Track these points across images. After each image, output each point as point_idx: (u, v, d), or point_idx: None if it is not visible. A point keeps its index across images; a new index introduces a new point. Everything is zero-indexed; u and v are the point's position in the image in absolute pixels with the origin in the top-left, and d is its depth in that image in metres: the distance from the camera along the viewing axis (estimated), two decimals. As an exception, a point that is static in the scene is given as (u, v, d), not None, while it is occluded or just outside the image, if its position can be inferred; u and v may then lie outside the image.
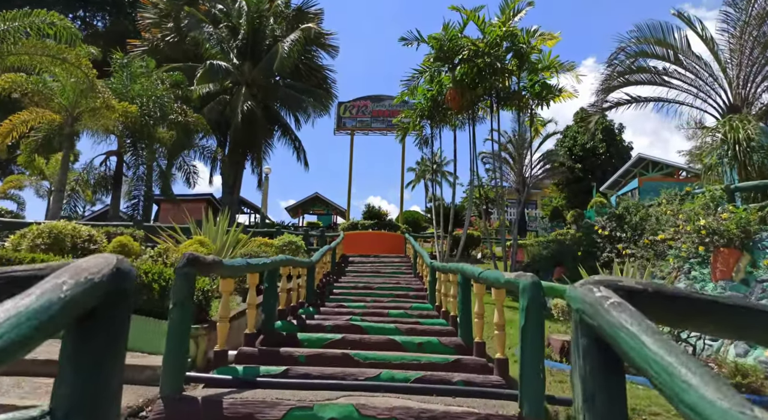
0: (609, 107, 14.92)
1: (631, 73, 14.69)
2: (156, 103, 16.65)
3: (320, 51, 31.46)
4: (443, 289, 7.74)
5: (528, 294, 3.27)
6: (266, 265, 5.09)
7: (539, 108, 14.64)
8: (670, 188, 14.90)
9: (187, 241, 7.50)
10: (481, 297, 4.96)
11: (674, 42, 14.03)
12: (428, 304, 9.26)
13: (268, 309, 5.66)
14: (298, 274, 8.70)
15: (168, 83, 19.90)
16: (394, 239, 19.75)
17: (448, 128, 15.90)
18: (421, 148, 15.84)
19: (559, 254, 11.80)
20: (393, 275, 13.27)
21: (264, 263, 4.97)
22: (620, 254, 9.68)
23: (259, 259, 4.97)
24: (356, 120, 23.11)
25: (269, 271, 5.67)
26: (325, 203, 39.46)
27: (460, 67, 13.32)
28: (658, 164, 26.16)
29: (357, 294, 10.53)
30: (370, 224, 19.21)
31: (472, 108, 14.02)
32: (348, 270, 14.12)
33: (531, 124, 14.62)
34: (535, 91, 14.09)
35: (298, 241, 12.06)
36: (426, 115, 14.35)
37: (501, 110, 14.36)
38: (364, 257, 17.23)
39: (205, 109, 25.17)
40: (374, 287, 11.09)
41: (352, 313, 8.22)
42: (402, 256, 17.61)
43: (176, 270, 3.15)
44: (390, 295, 10.41)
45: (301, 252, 12.48)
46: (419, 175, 69.21)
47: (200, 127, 22.04)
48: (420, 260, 12.24)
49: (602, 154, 35.78)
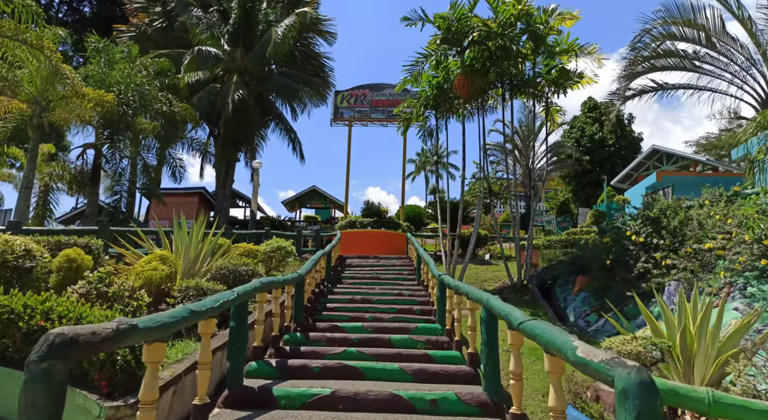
0: (632, 95, 13.54)
1: (656, 57, 13.29)
2: (135, 90, 15.22)
3: (317, 38, 29.93)
4: (457, 313, 6.43)
5: (634, 402, 1.88)
6: (225, 303, 3.76)
7: (555, 96, 13.26)
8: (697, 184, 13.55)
9: (145, 258, 6.17)
10: (518, 349, 3.64)
11: (706, 22, 12.63)
12: (436, 325, 7.96)
13: (234, 355, 4.35)
14: (282, 292, 7.40)
15: (152, 70, 18.43)
16: (394, 239, 18.44)
17: (454, 119, 14.52)
18: (424, 140, 14.49)
19: (581, 260, 10.47)
20: (394, 282, 11.96)
21: (221, 303, 3.64)
22: (658, 264, 8.36)
23: (216, 298, 3.63)
24: (354, 110, 21.63)
25: (236, 306, 4.35)
26: (323, 197, 38.10)
27: (469, 50, 11.92)
28: (673, 156, 24.78)
29: (354, 308, 9.24)
30: (369, 222, 17.91)
31: (483, 96, 12.62)
32: (345, 276, 12.81)
33: (547, 114, 13.23)
34: (552, 78, 12.69)
35: (287, 246, 10.74)
36: (431, 105, 12.95)
37: (514, 99, 12.96)
38: (363, 259, 15.94)
39: (194, 99, 23.71)
40: (374, 300, 9.78)
41: (348, 341, 6.92)
42: (404, 258, 16.30)
43: (28, 366, 1.82)
44: (392, 310, 9.12)
45: (292, 257, 11.17)
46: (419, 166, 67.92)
47: (188, 117, 20.60)
48: (425, 267, 10.92)
49: (611, 145, 34.39)
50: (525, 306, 10.41)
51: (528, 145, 31.11)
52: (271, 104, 27.07)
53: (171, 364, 3.98)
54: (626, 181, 27.48)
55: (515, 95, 12.86)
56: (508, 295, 11.42)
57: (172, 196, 31.42)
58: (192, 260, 7.92)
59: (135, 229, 8.81)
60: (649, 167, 25.98)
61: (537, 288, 11.19)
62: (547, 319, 9.50)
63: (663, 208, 9.19)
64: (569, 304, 10.26)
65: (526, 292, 11.31)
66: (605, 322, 8.86)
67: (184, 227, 8.18)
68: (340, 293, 10.45)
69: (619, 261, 9.00)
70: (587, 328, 9.07)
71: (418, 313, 9.16)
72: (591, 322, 9.19)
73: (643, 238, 8.64)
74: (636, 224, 8.96)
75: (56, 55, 11.42)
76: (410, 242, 15.42)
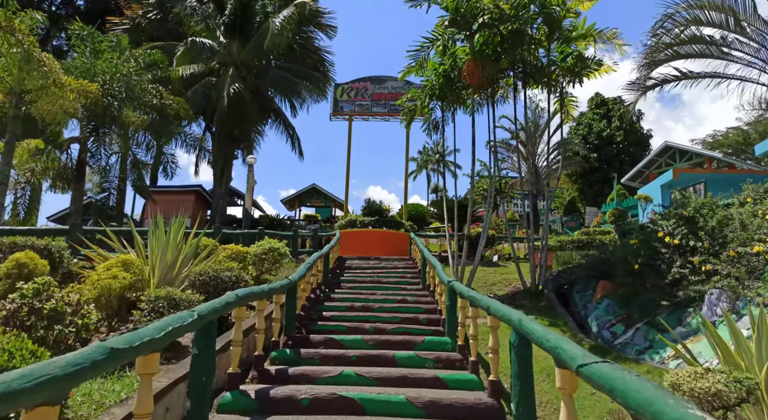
0: (653, 85, 12.56)
1: (680, 44, 12.29)
2: (122, 81, 14.28)
3: (317, 32, 28.95)
4: (472, 328, 5.50)
5: None
6: (176, 331, 2.80)
7: (570, 86, 12.30)
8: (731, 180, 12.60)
9: (103, 265, 5.24)
10: (572, 395, 2.68)
11: (735, 5, 11.63)
12: (446, 338, 7.02)
13: (196, 392, 3.40)
14: (270, 302, 6.49)
15: (142, 61, 17.49)
16: (397, 239, 17.49)
17: (460, 112, 13.57)
18: (429, 133, 13.48)
19: (603, 264, 9.52)
20: (397, 287, 11.02)
21: (169, 331, 2.68)
22: (696, 270, 7.41)
23: (161, 326, 2.67)
24: (355, 104, 20.60)
25: (201, 328, 3.41)
26: (323, 195, 37.16)
27: (479, 34, 10.95)
28: (687, 153, 23.79)
29: (353, 317, 8.30)
30: (370, 221, 16.96)
31: (493, 85, 11.67)
32: (344, 279, 11.87)
33: (561, 106, 12.27)
34: (567, 65, 11.73)
35: (281, 248, 9.80)
36: (437, 95, 11.97)
37: (527, 88, 11.99)
38: (363, 260, 14.99)
39: (188, 93, 22.77)
40: (375, 308, 8.85)
41: (345, 359, 5.99)
42: (406, 260, 15.35)
43: None
44: (395, 320, 8.18)
45: (287, 259, 10.24)
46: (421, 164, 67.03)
47: (182, 111, 19.65)
48: (431, 271, 9.98)
49: (619, 142, 33.38)
50: (541, 314, 9.47)
51: (534, 141, 30.18)
52: (269, 99, 26.12)
53: (110, 409, 3.04)
54: (637, 178, 26.50)
55: (528, 85, 11.90)
56: (522, 301, 10.48)
57: (168, 194, 30.52)
58: (170, 264, 6.99)
59: (104, 229, 7.87)
60: (661, 164, 25.01)
61: (553, 293, 10.24)
62: (567, 330, 8.55)
63: (697, 206, 8.23)
64: (590, 312, 9.31)
65: (542, 298, 10.36)
66: (634, 334, 7.92)
67: (161, 227, 7.25)
68: (338, 299, 9.51)
69: (649, 265, 8.05)
70: (613, 341, 8.12)
71: (424, 322, 8.22)
72: (617, 334, 8.23)
73: (678, 240, 7.68)
74: (669, 224, 8.00)
75: (29, 39, 10.49)
76: (414, 243, 14.48)
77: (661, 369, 6.49)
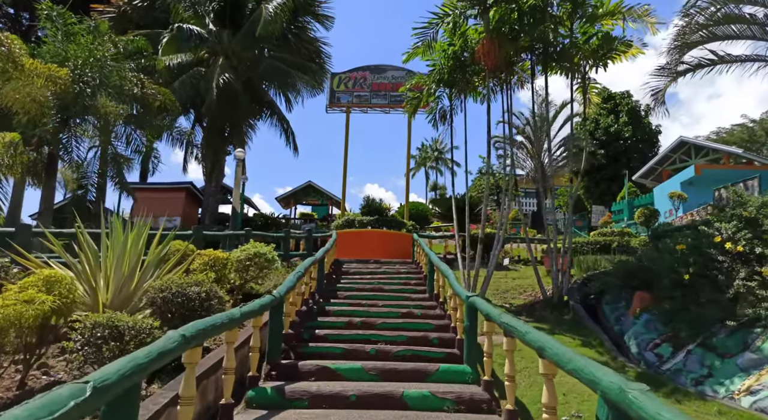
0: (685, 70, 11.28)
1: (716, 24, 11.02)
2: (96, 66, 12.92)
3: (313, 23, 27.53)
4: (508, 366, 4.21)
5: None
6: None
7: (593, 71, 11.04)
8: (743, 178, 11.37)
9: (22, 282, 3.93)
10: None
11: (780, -20, 10.38)
12: (464, 367, 5.75)
13: None
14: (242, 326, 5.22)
15: (123, 48, 16.11)
16: (398, 240, 16.19)
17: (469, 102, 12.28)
18: (435, 125, 12.15)
19: (641, 271, 8.24)
20: (401, 296, 9.72)
21: None
22: (765, 283, 6.14)
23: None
24: (353, 94, 19.21)
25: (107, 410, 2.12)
26: (319, 192, 35.85)
27: (494, 9, 9.65)
28: (703, 149, 22.56)
29: (351, 337, 7.01)
30: (369, 221, 15.68)
31: (509, 67, 10.38)
32: (341, 286, 10.57)
33: (584, 93, 11.00)
34: (591, 47, 10.46)
35: (268, 253, 8.50)
36: (445, 80, 10.66)
37: (548, 73, 10.70)
38: (362, 264, 13.69)
39: (175, 84, 21.37)
40: (377, 324, 7.57)
41: (341, 400, 4.73)
42: (409, 263, 14.05)
43: None
44: (401, 339, 6.92)
45: (277, 265, 8.93)
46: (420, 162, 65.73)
47: (168, 103, 18.27)
48: (440, 280, 8.69)
49: (628, 138, 32.08)
50: (569, 330, 8.19)
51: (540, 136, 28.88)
52: (263, 92, 24.73)
53: None
54: (649, 176, 25.30)
55: (549, 69, 10.61)
56: (543, 313, 9.21)
57: (157, 192, 29.13)
58: (126, 276, 5.68)
59: (43, 231, 6.54)
60: (675, 161, 23.80)
61: (581, 305, 8.96)
62: (604, 352, 7.26)
63: (758, 205, 6.96)
64: (626, 328, 8.04)
65: (566, 310, 9.09)
66: (686, 358, 6.64)
67: (118, 229, 5.93)
68: (334, 313, 8.22)
69: (703, 276, 6.78)
70: (660, 365, 6.85)
71: (435, 343, 6.95)
72: (664, 356, 6.96)
73: (742, 247, 6.41)
74: (729, 227, 6.72)
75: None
76: (417, 244, 13.20)
77: (738, 410, 5.22)
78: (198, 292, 5.35)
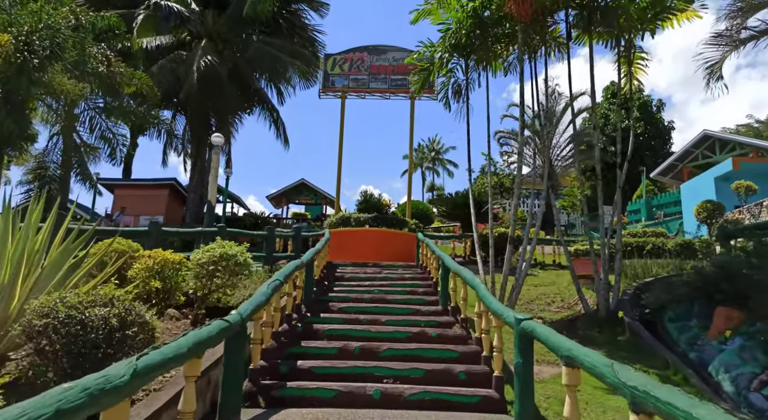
0: (750, 38, 9.41)
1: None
2: (46, 35, 10.93)
3: (307, 11, 25.58)
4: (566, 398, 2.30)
5: None
6: None
7: (639, 37, 9.18)
8: None
9: None
10: None
11: None
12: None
13: None
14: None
15: (87, 22, 14.06)
16: (400, 240, 14.24)
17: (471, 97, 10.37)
18: (447, 104, 10.17)
19: (720, 281, 6.34)
20: (408, 308, 7.75)
21: None
22: None
23: None
24: (349, 78, 17.19)
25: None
26: (313, 191, 33.87)
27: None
28: (729, 143, 20.75)
29: (347, 372, 5.09)
30: (366, 219, 13.75)
31: (543, 26, 8.48)
32: (333, 296, 8.59)
33: (629, 64, 9.12)
34: (640, 5, 8.59)
35: (239, 254, 6.54)
36: (462, 44, 8.72)
37: (591, 35, 8.81)
38: (359, 268, 11.73)
39: (154, 68, 19.37)
40: (381, 351, 5.64)
41: None
42: (414, 267, 12.10)
43: None
44: (416, 374, 5.04)
45: (253, 269, 6.94)
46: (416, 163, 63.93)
47: (145, 88, 16.23)
48: (462, 291, 6.73)
49: (639, 134, 30.34)
50: (629, 355, 6.25)
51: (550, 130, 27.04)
52: (251, 79, 22.72)
53: None
54: (668, 173, 23.50)
55: (593, 36, 8.73)
56: (588, 332, 7.29)
57: (138, 189, 27.13)
58: (5, 285, 3.72)
59: None
60: (697, 157, 22.02)
61: (639, 322, 7.03)
62: (691, 391, 5.32)
63: None
64: (707, 355, 6.11)
65: (619, 329, 7.16)
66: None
67: (7, 221, 3.98)
68: (323, 333, 6.26)
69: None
70: (775, 412, 4.92)
71: (462, 378, 5.06)
72: (780, 401, 5.03)
73: None
74: None
75: None
76: (424, 245, 11.25)
77: None
78: (104, 316, 3.38)
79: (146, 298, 5.43)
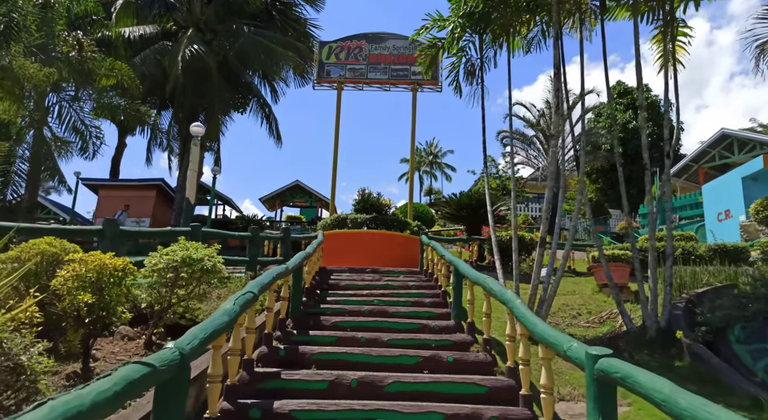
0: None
1: None
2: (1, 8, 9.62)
3: (302, 4, 24.29)
4: None
5: None
6: None
7: (681, 9, 7.94)
8: None
9: None
10: None
11: None
12: None
13: None
14: None
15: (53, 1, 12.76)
16: (402, 244, 12.92)
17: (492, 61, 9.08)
18: (458, 87, 8.89)
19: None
20: (415, 324, 6.43)
21: None
22: None
23: None
24: (346, 68, 15.86)
25: None
26: (307, 193, 32.50)
27: None
28: (750, 143, 19.59)
29: (337, 418, 3.74)
30: (364, 220, 12.44)
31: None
32: (326, 308, 7.25)
33: (673, 41, 7.86)
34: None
35: (206, 259, 5.20)
36: (478, 15, 7.46)
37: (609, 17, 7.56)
38: (356, 274, 10.36)
39: (136, 59, 18.04)
40: (385, 385, 4.32)
41: None
42: (417, 274, 10.74)
43: None
44: (433, 424, 3.66)
45: (214, 280, 5.59)
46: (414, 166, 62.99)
47: (126, 80, 14.89)
48: (485, 304, 5.39)
49: (648, 135, 29.18)
50: (699, 389, 4.94)
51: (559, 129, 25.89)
52: (242, 71, 21.37)
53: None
54: (682, 175, 22.34)
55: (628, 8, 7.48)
56: (635, 355, 5.97)
57: (124, 189, 25.77)
58: None
59: None
60: (714, 157, 20.85)
61: (702, 344, 5.71)
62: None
63: None
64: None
65: (673, 350, 5.85)
66: None
67: None
68: (311, 358, 4.93)
69: None
70: None
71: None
72: None
73: None
74: None
75: None
76: (430, 248, 9.91)
77: None
78: None
79: (76, 316, 4.10)
